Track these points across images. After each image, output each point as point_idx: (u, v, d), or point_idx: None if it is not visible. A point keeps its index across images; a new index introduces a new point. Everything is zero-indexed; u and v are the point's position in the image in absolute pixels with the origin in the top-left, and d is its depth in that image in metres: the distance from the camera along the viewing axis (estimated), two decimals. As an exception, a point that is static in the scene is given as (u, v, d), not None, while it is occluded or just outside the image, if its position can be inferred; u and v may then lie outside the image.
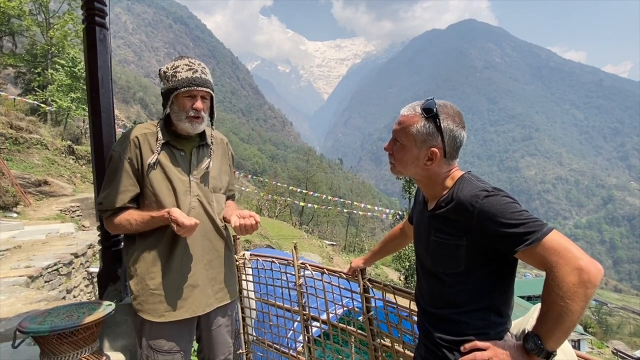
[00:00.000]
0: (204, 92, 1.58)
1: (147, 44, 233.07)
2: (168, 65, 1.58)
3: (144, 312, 1.56)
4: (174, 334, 1.59)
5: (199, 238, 1.62)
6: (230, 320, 1.84)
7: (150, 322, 1.56)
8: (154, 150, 1.56)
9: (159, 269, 1.56)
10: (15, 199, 9.36)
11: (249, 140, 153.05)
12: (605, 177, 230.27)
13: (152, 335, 1.57)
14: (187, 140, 1.66)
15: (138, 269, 1.57)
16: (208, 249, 1.66)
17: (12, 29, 19.71)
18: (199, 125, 1.60)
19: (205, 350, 1.77)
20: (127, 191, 1.54)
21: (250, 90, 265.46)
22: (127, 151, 1.54)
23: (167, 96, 1.56)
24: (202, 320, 1.70)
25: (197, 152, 1.67)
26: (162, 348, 1.57)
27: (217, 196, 1.73)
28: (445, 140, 1.11)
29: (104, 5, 2.00)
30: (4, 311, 2.91)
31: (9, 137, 12.37)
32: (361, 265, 1.94)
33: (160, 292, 1.55)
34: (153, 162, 1.54)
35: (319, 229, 47.06)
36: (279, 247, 19.04)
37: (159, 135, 1.57)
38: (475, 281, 1.08)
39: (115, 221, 1.55)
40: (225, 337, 1.79)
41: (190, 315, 1.59)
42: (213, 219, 1.68)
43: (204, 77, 1.57)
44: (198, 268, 1.62)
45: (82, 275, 5.83)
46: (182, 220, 1.41)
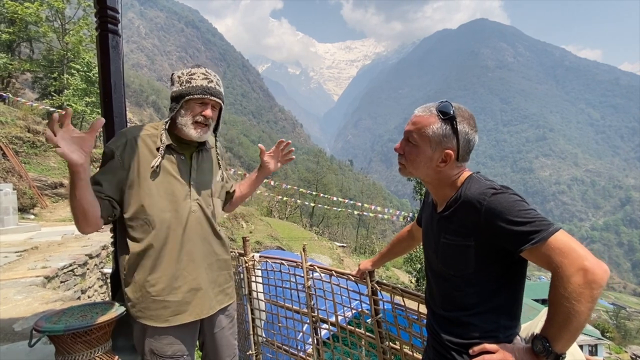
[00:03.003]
0: (216, 102, 1.60)
1: (159, 48, 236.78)
2: (183, 71, 1.58)
3: (145, 318, 1.53)
4: (178, 339, 1.57)
5: (199, 242, 1.61)
6: (233, 322, 1.84)
7: (153, 327, 1.53)
8: (155, 153, 1.54)
9: (160, 274, 1.52)
10: (32, 201, 9.60)
11: (259, 142, 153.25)
12: (622, 178, 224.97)
13: (155, 341, 1.55)
14: (188, 145, 1.66)
15: (136, 276, 1.53)
16: (208, 252, 1.66)
17: (29, 35, 20.25)
18: (204, 133, 1.60)
19: (210, 354, 1.77)
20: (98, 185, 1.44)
21: (261, 93, 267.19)
22: (121, 150, 1.50)
23: (178, 100, 1.55)
24: (205, 324, 1.70)
25: (196, 156, 1.67)
26: (166, 353, 1.55)
27: (215, 200, 1.74)
28: (460, 142, 1.11)
29: (116, 13, 2.04)
30: (22, 310, 2.99)
31: (27, 140, 12.70)
32: (369, 268, 1.93)
33: (163, 297, 1.52)
34: (157, 165, 1.52)
35: (329, 230, 46.98)
36: (289, 249, 19.07)
37: (162, 138, 1.55)
38: (484, 283, 1.08)
39: None
40: (229, 339, 1.80)
41: (195, 318, 1.59)
42: (211, 222, 1.68)
43: (218, 88, 1.59)
44: (200, 272, 1.61)
45: (97, 276, 5.94)
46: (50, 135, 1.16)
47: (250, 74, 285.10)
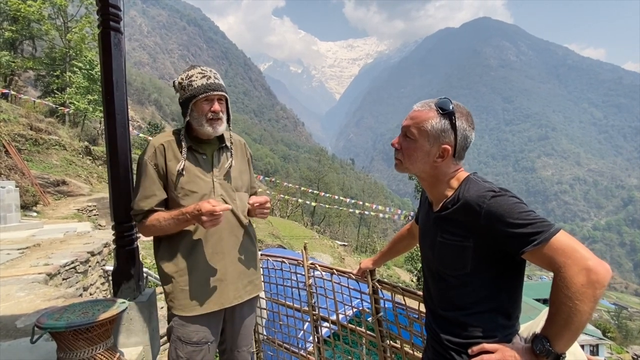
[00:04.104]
0: (220, 95, 1.68)
1: (161, 46, 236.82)
2: (182, 77, 1.67)
3: (175, 308, 1.64)
4: (203, 326, 1.66)
5: (225, 234, 1.71)
6: (254, 314, 1.94)
7: (180, 315, 1.64)
8: (179, 157, 1.64)
9: (188, 266, 1.63)
10: (35, 199, 9.63)
11: (261, 141, 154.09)
12: (625, 178, 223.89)
13: (182, 328, 1.65)
14: (208, 144, 1.75)
15: (168, 269, 1.65)
16: (235, 244, 1.75)
17: (32, 33, 20.32)
18: (219, 127, 1.69)
19: (227, 341, 1.84)
20: (154, 195, 1.63)
21: (263, 91, 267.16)
22: (153, 158, 1.64)
23: (187, 104, 1.64)
24: (227, 313, 1.77)
25: (217, 154, 1.76)
26: (192, 340, 1.64)
27: (239, 194, 1.81)
28: (458, 138, 1.11)
29: (118, 10, 2.04)
30: (24, 307, 3.00)
31: (29, 138, 12.74)
32: (370, 266, 1.94)
33: (190, 288, 1.63)
34: (181, 169, 1.63)
35: (330, 229, 47.02)
36: (291, 247, 19.11)
37: (183, 142, 1.66)
38: (482, 283, 1.08)
39: (147, 223, 1.62)
40: (249, 329, 1.88)
41: (219, 307, 1.68)
42: (237, 216, 1.77)
43: (217, 81, 1.67)
44: (227, 263, 1.71)
45: (98, 273, 5.95)
46: (212, 208, 1.47)
47: (252, 72, 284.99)
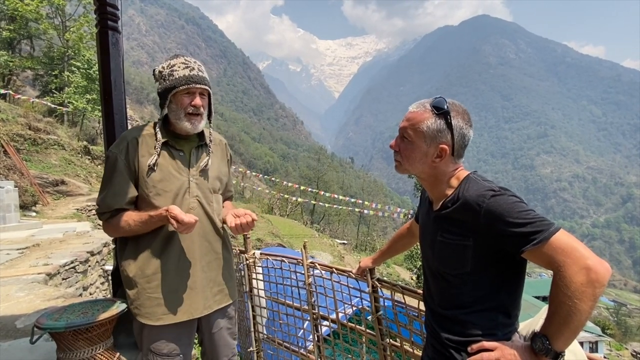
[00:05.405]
0: (202, 89, 1.56)
1: (160, 45, 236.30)
2: (164, 65, 1.55)
3: (141, 316, 1.53)
4: (173, 337, 1.56)
5: (197, 239, 1.59)
6: (232, 322, 1.80)
7: (149, 325, 1.53)
8: (153, 152, 1.53)
9: (155, 271, 1.52)
10: (34, 199, 9.61)
11: (260, 140, 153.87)
12: (624, 175, 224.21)
13: (152, 339, 1.55)
14: (186, 141, 1.63)
15: (133, 272, 1.53)
16: (207, 250, 1.63)
17: (30, 32, 20.23)
18: (198, 123, 1.58)
19: (207, 353, 1.76)
20: (123, 193, 1.51)
21: (262, 90, 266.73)
22: (125, 152, 1.52)
23: (165, 95, 1.53)
24: (203, 323, 1.67)
25: (196, 152, 1.64)
26: (162, 351, 1.55)
27: (216, 197, 1.71)
28: (455, 137, 1.11)
29: (116, 10, 2.03)
30: (23, 307, 3.00)
31: (28, 138, 12.70)
32: (370, 265, 1.93)
33: (157, 295, 1.52)
34: (153, 164, 1.51)
35: (330, 227, 47.01)
36: (291, 246, 19.10)
37: (158, 135, 1.54)
38: (482, 282, 1.08)
39: (113, 223, 1.52)
40: (227, 339, 1.77)
41: (188, 317, 1.56)
42: (212, 219, 1.66)
43: (201, 74, 1.55)
44: (196, 270, 1.58)
45: (98, 273, 5.95)
46: (181, 217, 1.37)
47: (251, 71, 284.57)
